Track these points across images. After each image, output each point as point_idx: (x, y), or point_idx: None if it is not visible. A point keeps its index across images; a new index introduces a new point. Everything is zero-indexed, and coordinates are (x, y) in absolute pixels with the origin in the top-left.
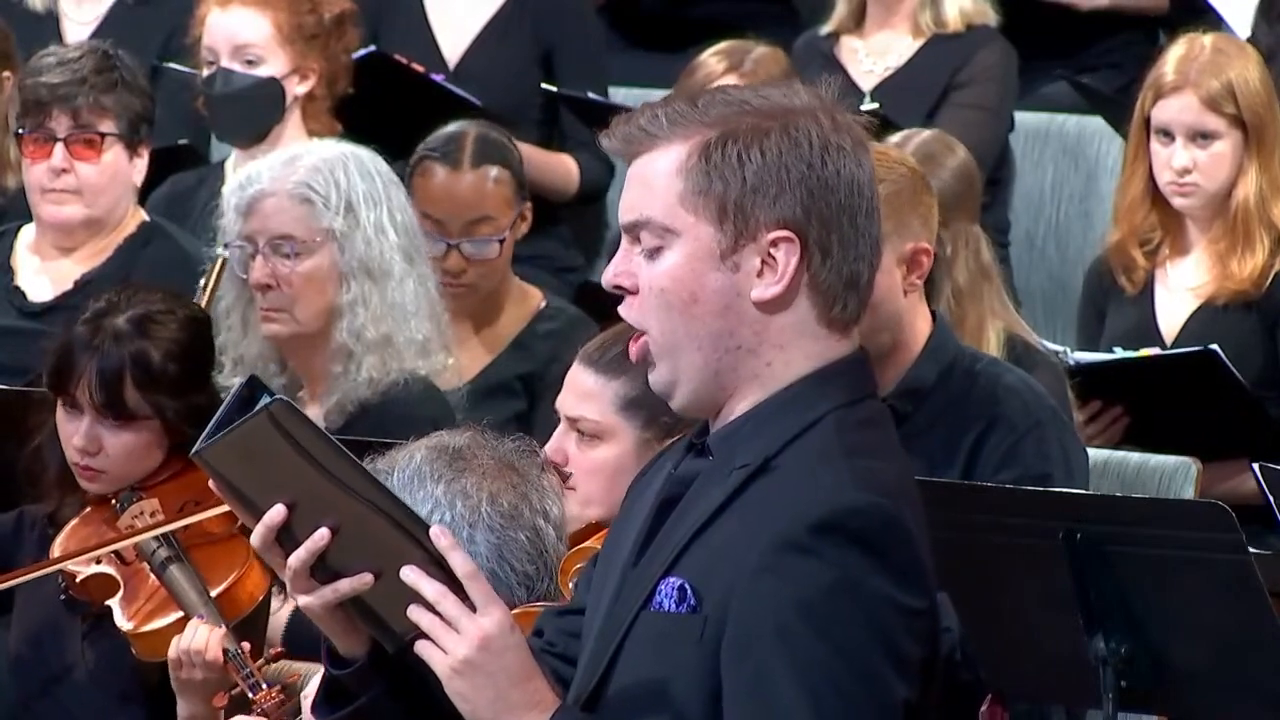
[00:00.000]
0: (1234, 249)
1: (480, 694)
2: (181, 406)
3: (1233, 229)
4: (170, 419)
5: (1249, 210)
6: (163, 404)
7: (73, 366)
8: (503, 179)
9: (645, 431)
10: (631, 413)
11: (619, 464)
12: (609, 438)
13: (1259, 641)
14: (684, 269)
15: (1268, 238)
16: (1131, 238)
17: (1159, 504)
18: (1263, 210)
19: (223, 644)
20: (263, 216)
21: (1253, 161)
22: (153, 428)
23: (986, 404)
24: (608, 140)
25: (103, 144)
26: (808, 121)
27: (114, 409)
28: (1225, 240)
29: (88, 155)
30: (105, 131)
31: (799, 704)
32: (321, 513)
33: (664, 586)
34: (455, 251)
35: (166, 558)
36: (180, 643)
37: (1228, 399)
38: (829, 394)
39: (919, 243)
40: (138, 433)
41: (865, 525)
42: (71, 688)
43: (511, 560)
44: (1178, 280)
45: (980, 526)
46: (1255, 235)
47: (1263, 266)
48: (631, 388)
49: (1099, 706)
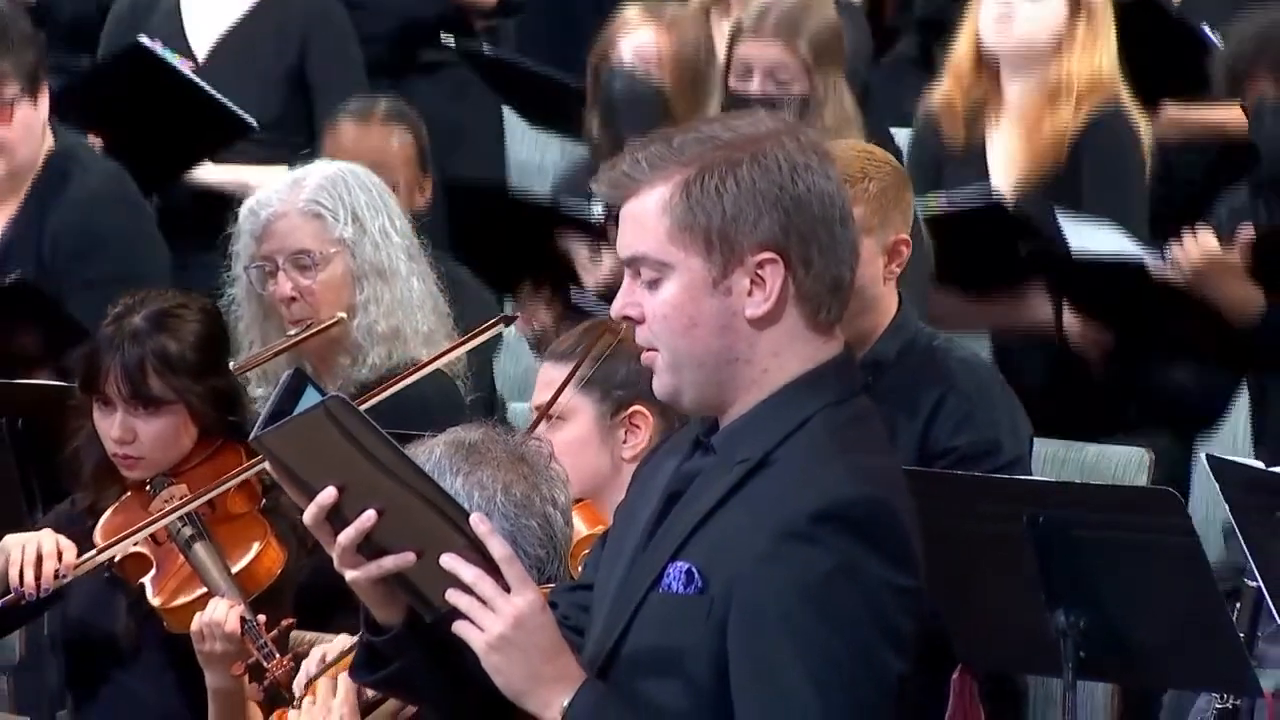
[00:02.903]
0: (1040, 110)
1: (514, 668)
2: (203, 390)
3: (1044, 91)
4: (194, 403)
5: (1062, 78)
6: (185, 389)
7: (100, 366)
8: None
9: (602, 405)
10: (588, 390)
11: (583, 440)
12: (572, 417)
13: (1205, 617)
14: (681, 298)
15: (1071, 104)
16: (958, 94)
17: (1115, 490)
18: (1074, 82)
19: (240, 616)
20: (279, 236)
21: (1077, 32)
22: (179, 412)
23: (941, 376)
24: (597, 187)
25: (12, 108)
26: (774, 146)
27: (141, 398)
28: (1036, 101)
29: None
30: (9, 95)
31: (803, 681)
32: (369, 496)
33: (672, 570)
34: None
35: (191, 537)
36: (201, 617)
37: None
38: (819, 394)
39: (900, 234)
40: (167, 418)
41: (860, 515)
42: (117, 659)
43: (524, 545)
44: (1001, 145)
45: (953, 512)
46: (1062, 100)
47: (1064, 130)
48: (584, 371)
49: (1059, 675)
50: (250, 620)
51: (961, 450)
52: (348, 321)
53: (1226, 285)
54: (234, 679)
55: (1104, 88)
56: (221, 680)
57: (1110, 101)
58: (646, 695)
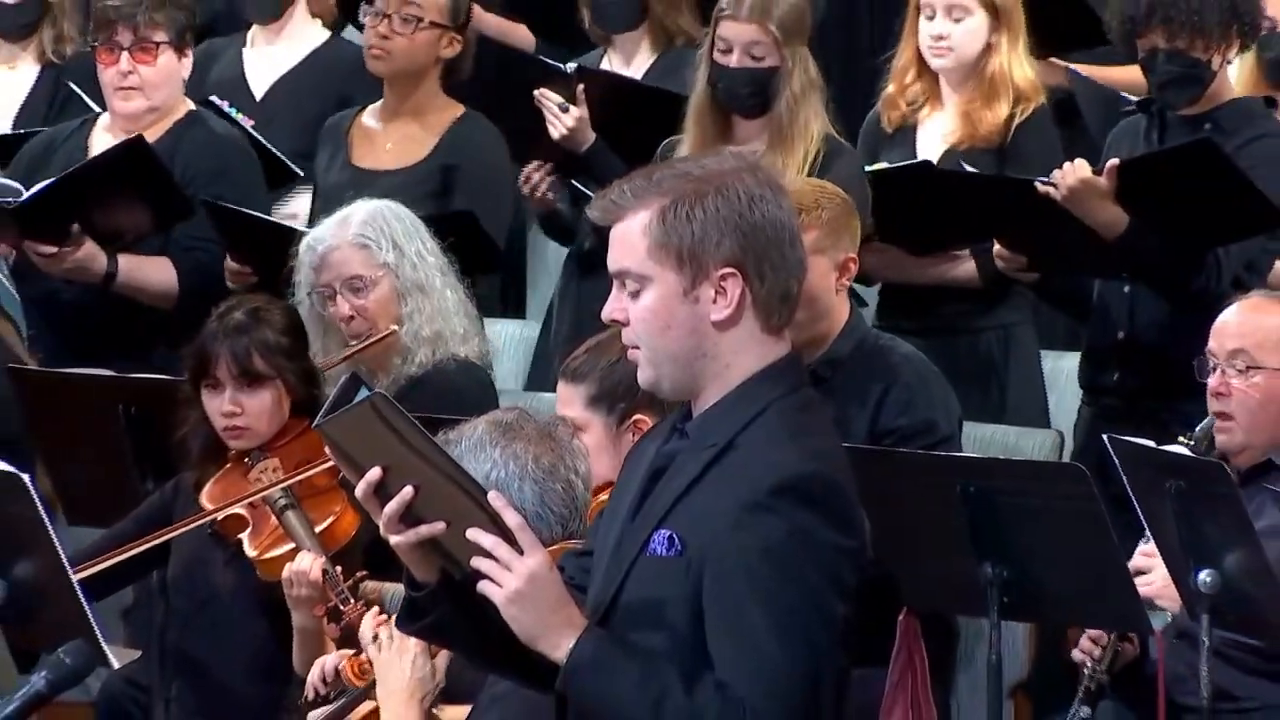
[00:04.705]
0: (982, 105)
1: (528, 617)
2: (295, 368)
3: (983, 90)
4: (288, 378)
5: (996, 76)
6: (282, 366)
7: (210, 355)
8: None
9: (609, 418)
10: (596, 407)
11: (599, 445)
12: (586, 428)
13: (1105, 568)
14: (658, 305)
15: (1009, 98)
16: (900, 94)
17: (1032, 465)
18: (1007, 77)
19: (321, 568)
20: (335, 266)
21: (1001, 37)
22: (277, 387)
23: (888, 369)
24: (591, 212)
25: (157, 50)
26: (735, 181)
27: (247, 375)
28: (977, 99)
29: (146, 60)
30: (159, 40)
31: (766, 627)
32: (408, 476)
33: (657, 536)
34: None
35: (284, 503)
36: (291, 567)
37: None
38: (773, 387)
39: (849, 253)
40: (267, 392)
41: (811, 488)
42: (217, 603)
43: (551, 505)
44: (934, 129)
45: (901, 484)
46: (1000, 95)
47: (1005, 119)
48: (592, 389)
49: (987, 616)
50: (330, 571)
51: (904, 429)
52: (399, 333)
53: (1096, 206)
54: (315, 619)
55: (1029, 86)
56: (306, 620)
57: (1032, 99)
58: (637, 639)
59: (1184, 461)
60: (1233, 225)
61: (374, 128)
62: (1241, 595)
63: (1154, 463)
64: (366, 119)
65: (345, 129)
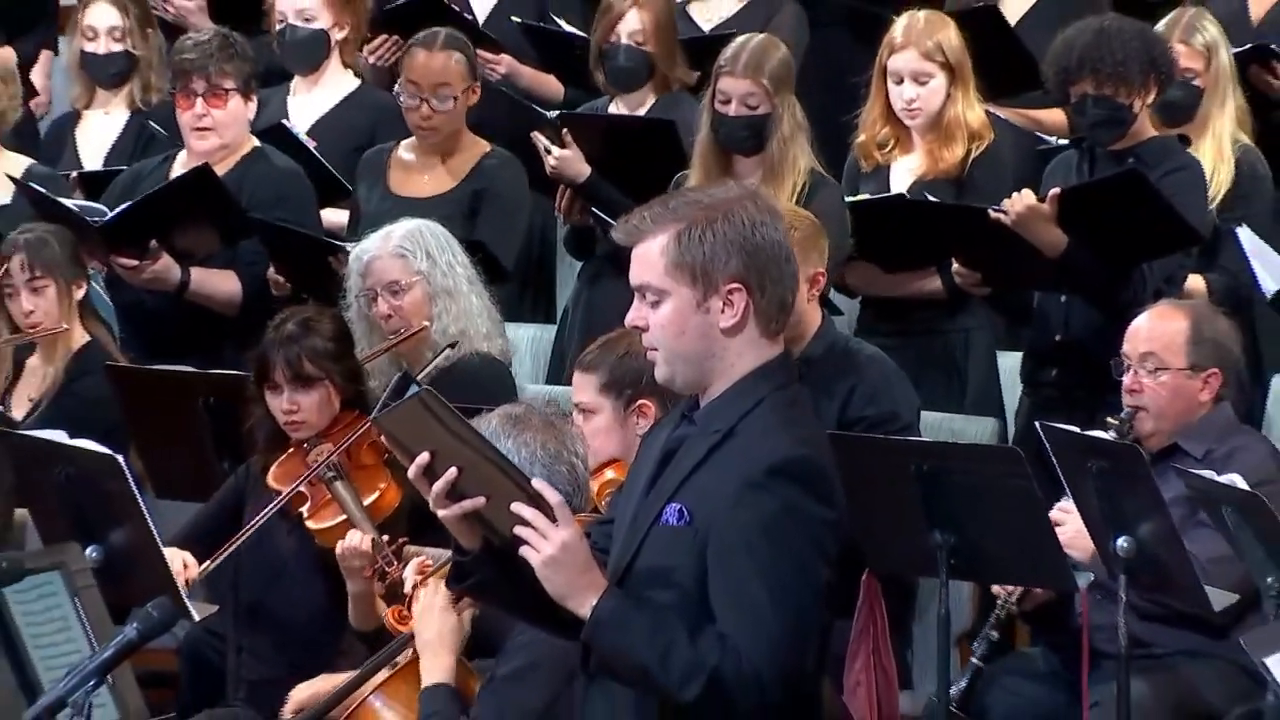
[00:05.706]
0: (943, 145)
1: (559, 578)
2: (341, 369)
3: (943, 134)
4: (336, 379)
5: (953, 121)
6: (330, 368)
7: (268, 361)
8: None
9: (617, 402)
10: (606, 393)
11: (609, 426)
12: (598, 411)
13: (1037, 536)
14: (675, 315)
15: (964, 138)
16: (871, 141)
17: (975, 448)
18: (962, 121)
19: (371, 540)
20: (376, 273)
21: (958, 90)
22: (327, 386)
23: (854, 368)
24: (616, 234)
25: (227, 96)
26: (739, 208)
27: (300, 378)
28: (938, 142)
29: (218, 104)
30: (229, 87)
31: (761, 591)
32: (452, 458)
33: (669, 509)
34: (425, 103)
35: (336, 480)
36: (343, 544)
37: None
38: (768, 382)
39: (818, 269)
40: (319, 391)
41: (800, 469)
42: (282, 568)
43: (557, 485)
44: (903, 166)
45: (866, 464)
46: (957, 137)
47: (962, 156)
48: (603, 377)
49: (937, 576)
50: (377, 540)
51: (871, 418)
52: (429, 329)
53: (1040, 229)
54: (367, 584)
55: (981, 126)
56: (359, 586)
57: (985, 137)
58: (650, 596)
59: (1105, 445)
60: (1156, 245)
61: (410, 160)
62: (1153, 558)
63: (1079, 446)
64: (403, 153)
65: (384, 162)
